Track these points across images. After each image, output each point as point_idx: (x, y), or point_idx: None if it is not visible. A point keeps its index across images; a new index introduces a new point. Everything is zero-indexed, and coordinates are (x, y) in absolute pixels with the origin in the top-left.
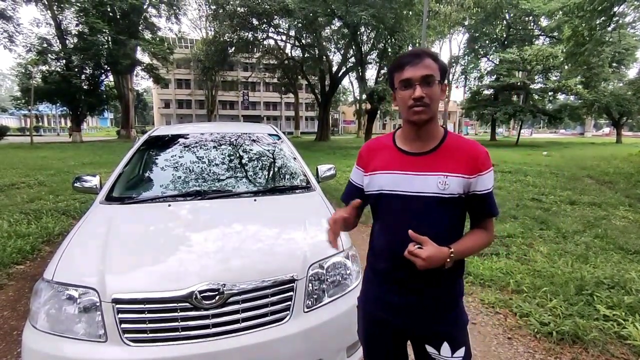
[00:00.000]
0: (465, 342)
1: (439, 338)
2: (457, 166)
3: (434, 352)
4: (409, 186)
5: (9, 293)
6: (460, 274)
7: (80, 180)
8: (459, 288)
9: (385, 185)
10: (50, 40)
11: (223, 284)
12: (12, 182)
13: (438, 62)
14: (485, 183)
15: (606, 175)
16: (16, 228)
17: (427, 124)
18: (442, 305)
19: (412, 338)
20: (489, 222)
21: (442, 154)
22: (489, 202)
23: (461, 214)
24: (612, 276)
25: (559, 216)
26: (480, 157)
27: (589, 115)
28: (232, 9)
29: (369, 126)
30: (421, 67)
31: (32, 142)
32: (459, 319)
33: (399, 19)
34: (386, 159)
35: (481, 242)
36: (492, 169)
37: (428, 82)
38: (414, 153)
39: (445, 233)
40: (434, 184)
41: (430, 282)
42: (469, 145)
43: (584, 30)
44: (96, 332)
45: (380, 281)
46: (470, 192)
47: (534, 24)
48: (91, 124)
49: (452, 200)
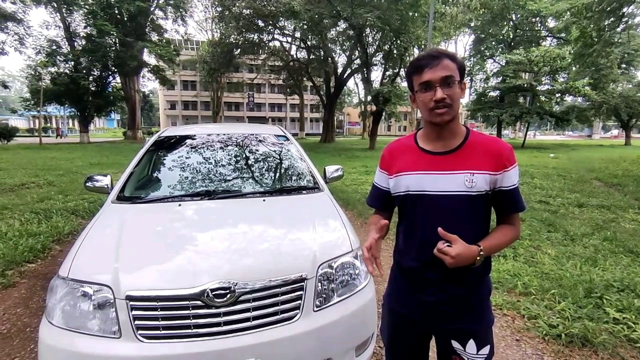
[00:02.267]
0: (490, 341)
1: (466, 335)
2: (482, 163)
3: (459, 348)
4: (436, 186)
5: (21, 291)
6: (488, 271)
7: (92, 180)
8: (487, 286)
9: (412, 185)
10: (59, 43)
11: (234, 283)
12: (22, 182)
13: (456, 62)
14: (512, 179)
15: (615, 177)
16: (27, 227)
17: (449, 124)
18: (471, 303)
19: (439, 335)
20: (515, 217)
21: (467, 151)
22: (516, 197)
23: (488, 211)
24: (621, 279)
25: (566, 219)
26: (504, 153)
27: (597, 117)
28: (238, 11)
29: (374, 128)
30: (440, 68)
31: (40, 143)
32: (486, 317)
33: (404, 21)
34: (410, 160)
35: (509, 238)
36: (517, 164)
37: (448, 82)
38: (438, 152)
39: (473, 230)
40: (461, 182)
41: (461, 281)
42: (492, 142)
43: (592, 31)
44: (110, 329)
45: (409, 280)
46: (496, 189)
47: (541, 25)
48: (98, 125)
49: (479, 197)
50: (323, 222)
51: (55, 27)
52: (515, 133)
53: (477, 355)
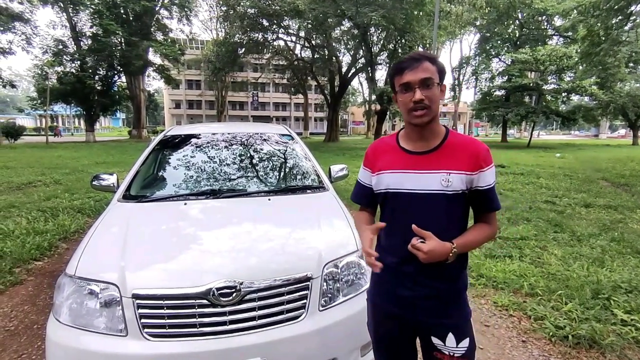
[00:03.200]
0: (469, 334)
1: (444, 329)
2: (459, 163)
3: (439, 343)
4: (414, 184)
5: (28, 288)
6: (464, 267)
7: (98, 179)
8: (463, 280)
9: (392, 184)
10: (66, 42)
11: (240, 282)
12: (29, 181)
13: (436, 65)
14: (487, 179)
15: (622, 177)
16: (34, 225)
17: (428, 125)
18: (447, 297)
19: (420, 330)
20: (491, 216)
21: (445, 152)
22: (491, 197)
23: (464, 209)
24: (629, 280)
25: (573, 219)
26: (481, 154)
27: (604, 117)
28: (242, 10)
29: (379, 127)
30: (420, 70)
31: (47, 142)
32: (463, 310)
33: (409, 20)
34: (391, 159)
35: (484, 236)
36: (493, 165)
37: (427, 84)
38: (418, 152)
39: (449, 228)
40: (438, 182)
41: (437, 275)
42: (469, 143)
43: (599, 30)
44: (117, 327)
45: (390, 275)
46: (473, 188)
47: (547, 24)
48: (104, 124)
49: (456, 196)
50: (328, 221)
51: (61, 26)
52: (521, 132)
53: (457, 348)
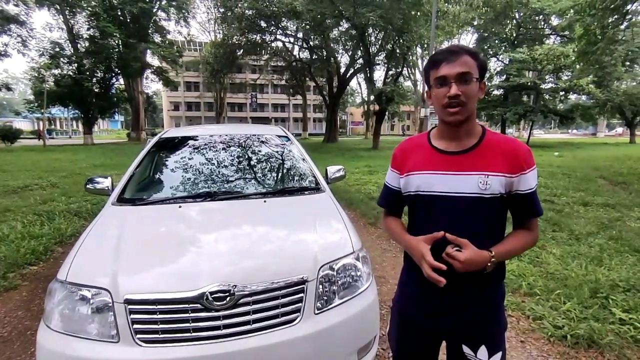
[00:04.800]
0: (502, 347)
1: (477, 340)
2: (498, 165)
3: (470, 354)
4: (448, 186)
5: (22, 293)
6: (502, 277)
7: (93, 182)
8: (500, 292)
9: (423, 185)
10: (63, 44)
11: (234, 285)
12: (25, 184)
13: (477, 59)
14: (529, 182)
15: (620, 175)
16: (30, 229)
17: (464, 123)
18: (482, 308)
19: (451, 339)
20: (533, 222)
21: (482, 152)
22: (533, 201)
23: (502, 214)
24: (627, 279)
25: (571, 218)
26: (521, 155)
27: (602, 115)
28: (240, 12)
29: (377, 127)
30: (457, 64)
31: (44, 145)
32: (498, 322)
33: (407, 20)
34: (422, 159)
35: (525, 243)
36: (535, 166)
37: (465, 79)
38: (452, 152)
39: (486, 234)
40: (475, 184)
41: (471, 285)
42: (509, 143)
43: (596, 29)
44: (109, 333)
45: (418, 283)
46: (512, 192)
47: (544, 23)
48: (102, 126)
49: (494, 200)
50: (324, 223)
51: (58, 29)
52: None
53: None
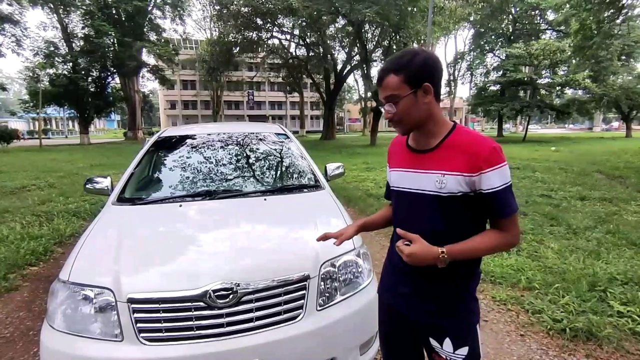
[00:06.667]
0: (470, 343)
1: (442, 332)
2: (455, 164)
3: (436, 345)
4: (412, 183)
5: (24, 294)
6: (467, 274)
7: (92, 182)
8: (465, 287)
9: (395, 182)
10: (57, 44)
11: (237, 283)
12: (23, 185)
13: (405, 71)
14: (491, 181)
15: (616, 170)
16: (29, 230)
17: (423, 127)
18: (444, 301)
19: (417, 330)
20: (504, 223)
21: (443, 151)
22: (498, 201)
23: (466, 213)
24: (625, 272)
25: (569, 212)
26: (482, 154)
27: (598, 110)
28: (236, 9)
29: (375, 124)
30: (382, 89)
31: (41, 145)
32: (464, 317)
33: (403, 16)
34: (400, 156)
35: (491, 244)
36: (500, 166)
37: (394, 101)
38: (419, 150)
39: (448, 232)
40: (432, 182)
41: (422, 278)
42: (472, 142)
43: (592, 23)
44: (112, 332)
45: (393, 272)
46: (477, 191)
47: (540, 18)
48: (98, 126)
49: (452, 198)
50: (325, 220)
51: (52, 28)
52: (517, 127)
53: (454, 355)
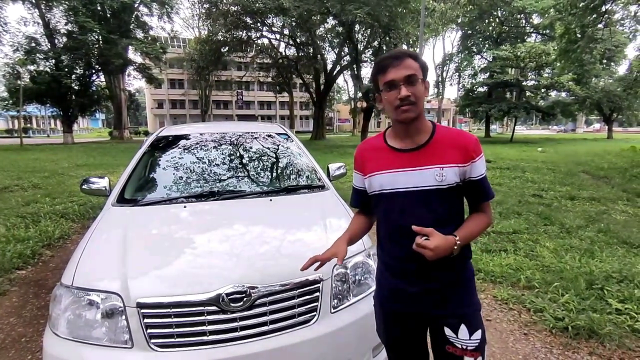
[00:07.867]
0: (481, 326)
1: (456, 320)
2: (451, 157)
3: (452, 335)
4: (408, 182)
5: (12, 299)
6: (469, 256)
7: (88, 182)
8: (469, 270)
9: (385, 184)
10: (39, 40)
11: (250, 286)
12: (4, 185)
13: (418, 61)
14: (479, 169)
15: (601, 170)
16: (14, 232)
17: (415, 121)
18: (454, 288)
19: (432, 323)
20: (486, 205)
21: (435, 147)
22: (485, 186)
23: (460, 201)
24: (620, 270)
25: (561, 211)
26: (470, 145)
27: (581, 112)
28: (225, 8)
29: (365, 124)
30: (403, 67)
31: (21, 144)
32: (472, 302)
33: (393, 17)
34: (382, 160)
35: (482, 225)
36: (482, 154)
37: (411, 81)
38: (407, 149)
39: (449, 222)
40: (432, 177)
41: (440, 268)
42: (458, 135)
43: (576, 28)
44: (121, 338)
45: (392, 275)
46: (466, 179)
47: (526, 22)
48: (82, 125)
49: (451, 189)
50: (332, 221)
51: (34, 23)
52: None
53: (470, 341)
